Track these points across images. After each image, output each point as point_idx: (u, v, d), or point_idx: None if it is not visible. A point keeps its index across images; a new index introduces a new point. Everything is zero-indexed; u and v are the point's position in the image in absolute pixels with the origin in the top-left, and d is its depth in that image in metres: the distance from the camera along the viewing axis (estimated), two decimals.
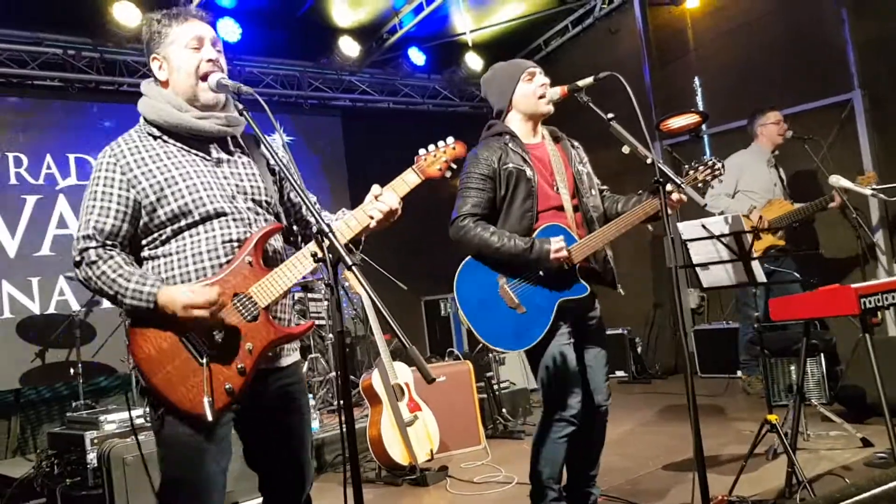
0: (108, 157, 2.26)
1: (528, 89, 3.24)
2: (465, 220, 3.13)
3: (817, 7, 6.91)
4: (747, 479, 3.64)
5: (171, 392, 2.13)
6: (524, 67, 3.28)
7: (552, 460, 3.12)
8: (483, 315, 3.08)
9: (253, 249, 2.25)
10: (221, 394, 2.14)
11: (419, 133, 8.78)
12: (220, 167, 2.34)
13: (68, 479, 4.53)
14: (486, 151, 3.18)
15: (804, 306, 3.42)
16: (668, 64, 8.25)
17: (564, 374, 3.08)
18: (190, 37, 2.31)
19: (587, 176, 3.34)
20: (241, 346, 2.19)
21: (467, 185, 3.18)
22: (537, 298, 3.09)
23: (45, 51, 6.64)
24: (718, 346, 7.15)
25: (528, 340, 3.06)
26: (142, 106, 2.35)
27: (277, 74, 8.11)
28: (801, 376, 3.66)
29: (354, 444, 1.87)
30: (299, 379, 2.45)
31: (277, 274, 2.24)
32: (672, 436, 5.10)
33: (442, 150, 2.45)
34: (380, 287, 6.32)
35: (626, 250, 7.81)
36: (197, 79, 2.30)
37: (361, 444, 5.01)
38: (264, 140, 2.27)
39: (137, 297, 2.14)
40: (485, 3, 8.25)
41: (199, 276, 2.24)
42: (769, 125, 5.88)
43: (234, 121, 2.38)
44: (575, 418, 3.07)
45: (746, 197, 5.76)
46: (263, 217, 2.38)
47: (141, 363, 2.14)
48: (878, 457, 3.94)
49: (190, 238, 2.25)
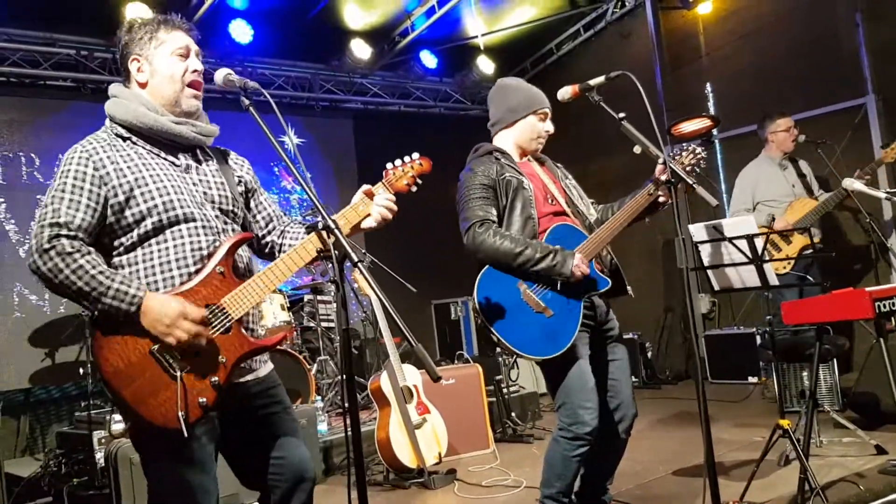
0: (80, 153, 2.17)
1: (535, 128, 3.24)
2: (482, 227, 3.03)
3: (831, 12, 6.87)
4: (759, 485, 3.60)
5: (141, 407, 2.04)
6: (541, 105, 3.25)
7: (564, 476, 3.02)
8: (510, 324, 2.95)
9: (223, 259, 2.20)
10: (195, 407, 2.08)
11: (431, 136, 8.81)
12: (188, 173, 2.30)
13: (75, 479, 4.54)
14: (481, 166, 3.13)
15: (817, 310, 3.37)
16: (680, 68, 8.22)
17: (583, 389, 2.97)
18: (178, 45, 2.31)
19: (576, 189, 3.34)
20: (215, 358, 2.12)
21: (471, 195, 3.10)
22: (562, 299, 3.00)
23: (58, 51, 6.69)
24: (729, 351, 7.09)
25: (562, 343, 2.94)
26: (112, 107, 2.29)
27: (289, 76, 8.13)
28: (813, 381, 3.61)
29: (359, 442, 1.85)
30: (274, 384, 2.38)
31: (250, 285, 2.19)
32: (682, 441, 5.05)
33: (409, 165, 2.48)
34: (389, 290, 6.33)
35: (637, 255, 7.79)
36: (183, 85, 2.30)
37: (370, 447, 5.00)
38: (271, 138, 2.20)
39: (120, 297, 2.02)
40: (497, 7, 8.24)
41: (166, 285, 2.17)
42: (780, 133, 5.76)
43: (206, 131, 2.37)
44: (590, 436, 2.95)
45: (767, 207, 5.65)
46: (231, 227, 2.34)
47: (109, 378, 2.04)
48: (892, 464, 3.89)
49: (157, 245, 2.18)
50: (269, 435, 2.31)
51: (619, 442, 3.19)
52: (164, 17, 2.36)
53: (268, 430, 2.31)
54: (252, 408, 2.30)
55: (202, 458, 2.16)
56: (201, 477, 2.16)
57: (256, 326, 2.35)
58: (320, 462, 4.96)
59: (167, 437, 2.06)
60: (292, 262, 2.24)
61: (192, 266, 2.19)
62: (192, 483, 2.13)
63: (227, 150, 2.54)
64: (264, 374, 2.36)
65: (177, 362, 2.08)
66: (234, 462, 2.37)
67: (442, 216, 4.70)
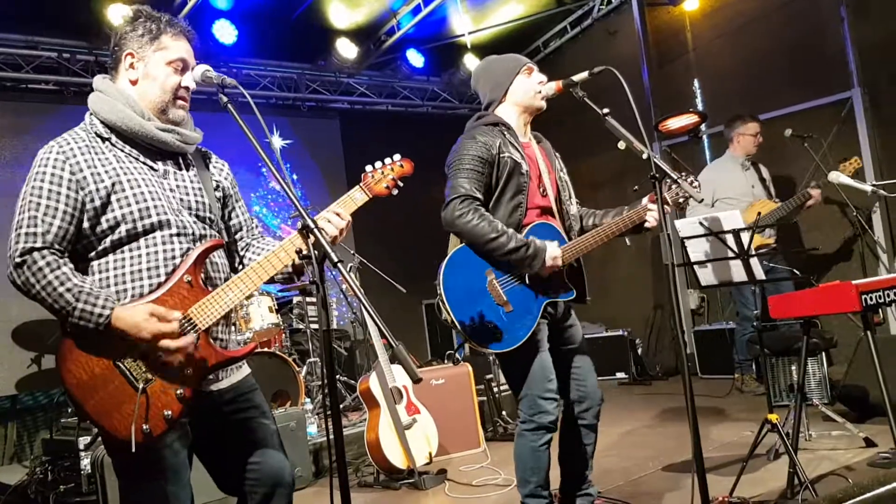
0: (57, 154, 2.10)
1: (528, 83, 3.19)
2: (463, 203, 2.94)
3: (816, 6, 6.89)
4: (748, 479, 3.59)
5: (104, 420, 2.00)
6: (523, 62, 3.23)
7: (537, 469, 3.05)
8: (468, 308, 2.94)
9: (192, 267, 2.14)
10: (160, 420, 2.03)
11: (418, 135, 8.76)
12: (166, 179, 2.25)
13: (62, 486, 4.50)
14: (484, 136, 3.05)
15: (804, 304, 3.37)
16: (668, 64, 8.23)
17: (544, 381, 2.99)
18: (177, 56, 2.26)
19: (567, 185, 3.32)
20: (180, 370, 2.07)
21: (462, 165, 3.02)
22: (525, 298, 3.00)
23: (40, 54, 6.63)
24: (719, 346, 7.10)
25: (511, 342, 2.94)
26: (96, 103, 2.23)
27: (275, 77, 8.07)
28: (801, 375, 3.61)
29: (341, 445, 1.83)
30: (250, 388, 2.34)
31: (218, 294, 2.14)
32: (672, 437, 5.05)
33: (389, 167, 2.43)
34: (380, 290, 6.32)
35: (627, 252, 7.78)
36: (173, 97, 2.26)
37: (360, 449, 4.98)
38: (250, 136, 2.16)
39: (86, 317, 1.99)
40: (483, 5, 8.22)
41: (135, 294, 2.12)
42: (747, 136, 5.96)
43: (190, 139, 2.33)
44: (553, 424, 2.99)
45: (725, 205, 5.77)
46: (209, 233, 2.29)
47: (73, 390, 2.00)
48: (882, 457, 3.89)
49: (129, 252, 2.13)
50: (244, 440, 2.27)
51: (590, 429, 3.21)
52: (171, 17, 2.31)
53: (243, 436, 2.28)
54: (226, 413, 2.26)
55: (175, 465, 2.13)
56: (173, 486, 2.13)
57: (227, 336, 2.30)
58: (310, 464, 4.93)
59: (136, 447, 2.02)
60: (263, 271, 2.18)
61: (164, 275, 2.14)
62: (163, 493, 2.10)
63: (208, 153, 2.48)
64: (238, 380, 2.32)
65: (141, 375, 2.03)
66: (210, 467, 2.33)
67: (433, 216, 4.64)
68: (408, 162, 2.47)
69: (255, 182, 8.06)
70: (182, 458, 2.16)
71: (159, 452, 2.09)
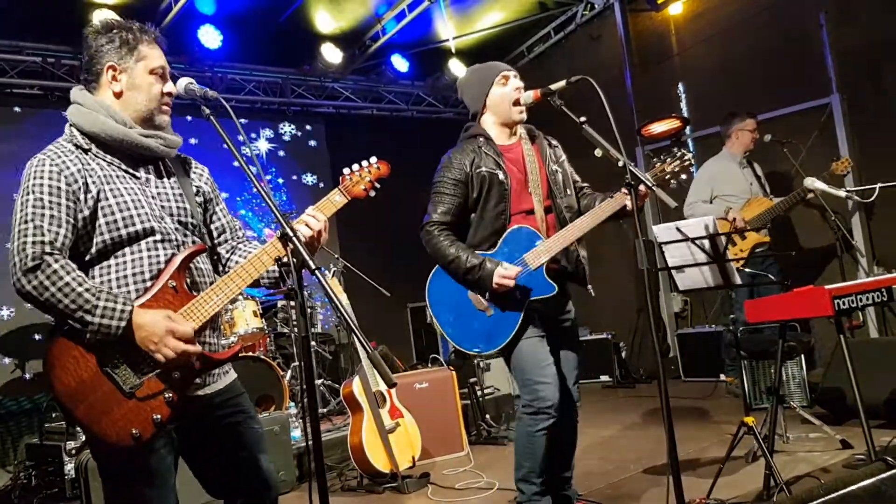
0: (51, 166, 2.12)
1: (502, 94, 3.24)
2: (432, 227, 3.20)
3: (798, 12, 6.96)
4: (725, 481, 3.63)
5: (94, 425, 2.03)
6: (498, 70, 3.28)
7: (532, 453, 3.12)
8: (454, 319, 3.16)
9: (176, 272, 2.17)
10: (149, 425, 2.06)
11: (403, 140, 8.79)
12: (147, 186, 2.28)
13: (45, 491, 4.51)
14: (459, 155, 3.20)
15: (779, 308, 3.43)
16: (652, 69, 8.29)
17: (539, 366, 3.09)
18: (157, 63, 2.30)
19: (562, 175, 3.33)
20: (168, 374, 2.10)
21: (439, 189, 3.23)
22: (506, 301, 3.10)
23: (25, 59, 6.63)
24: (702, 349, 7.16)
25: (499, 342, 3.10)
26: (76, 115, 2.24)
27: (260, 82, 8.09)
28: (777, 378, 3.66)
29: (320, 451, 1.86)
30: (237, 393, 2.36)
31: (203, 299, 2.17)
32: (654, 440, 5.08)
33: (366, 170, 2.48)
34: (365, 294, 6.31)
35: (610, 255, 7.84)
36: (159, 104, 2.29)
37: (343, 453, 5.00)
38: (230, 145, 2.21)
39: (109, 314, 2.01)
40: (467, 10, 8.27)
41: None
42: (745, 132, 5.97)
43: (172, 143, 2.35)
44: (553, 409, 3.06)
45: (724, 201, 5.82)
46: (191, 239, 2.32)
47: (62, 396, 2.02)
48: (858, 459, 3.94)
49: (115, 260, 2.16)
50: (230, 444, 2.30)
51: (569, 431, 3.30)
52: (142, 25, 2.32)
53: (230, 440, 2.30)
54: (213, 418, 2.28)
55: (160, 470, 2.15)
56: (159, 490, 2.15)
57: (213, 339, 2.32)
58: (294, 468, 4.94)
59: (123, 452, 2.05)
60: (247, 274, 2.21)
61: (149, 281, 2.17)
62: (148, 497, 2.13)
63: (187, 158, 2.51)
64: (225, 385, 2.34)
65: (129, 380, 2.06)
66: (197, 471, 2.35)
67: (418, 219, 4.69)
68: (384, 164, 2.52)
69: (239, 186, 8.05)
70: (168, 464, 2.19)
71: (145, 457, 2.11)
